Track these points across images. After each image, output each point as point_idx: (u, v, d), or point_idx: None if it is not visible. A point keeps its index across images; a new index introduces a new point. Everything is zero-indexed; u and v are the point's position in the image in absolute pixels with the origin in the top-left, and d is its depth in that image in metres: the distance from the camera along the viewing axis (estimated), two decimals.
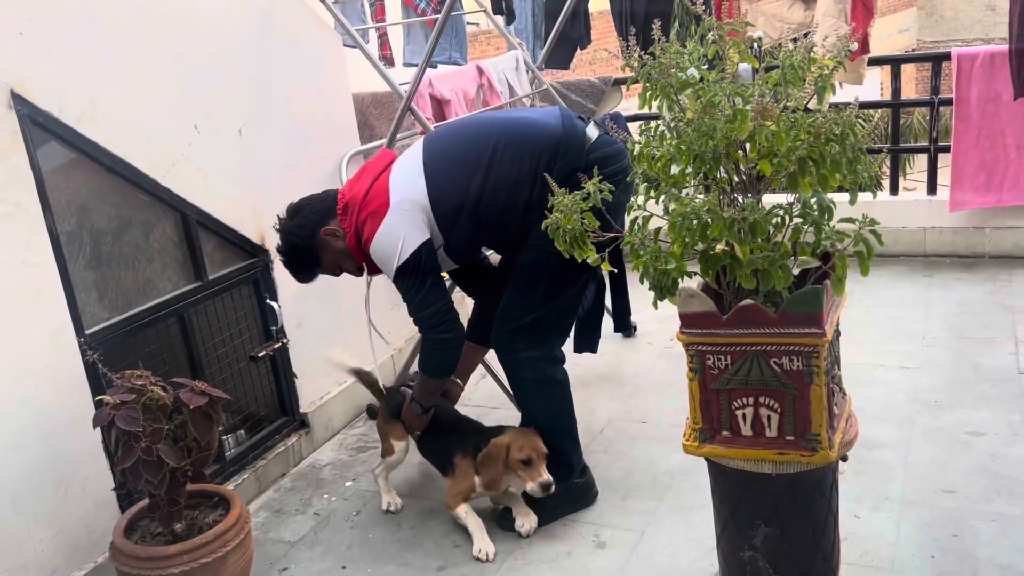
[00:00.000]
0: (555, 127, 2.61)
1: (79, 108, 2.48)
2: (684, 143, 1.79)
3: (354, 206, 2.62)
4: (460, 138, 2.68)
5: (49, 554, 2.41)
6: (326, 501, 3.06)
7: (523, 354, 2.71)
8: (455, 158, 2.61)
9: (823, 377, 1.90)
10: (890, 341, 3.74)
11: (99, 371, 2.42)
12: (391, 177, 2.61)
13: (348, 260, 2.72)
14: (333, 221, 2.67)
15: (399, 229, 2.54)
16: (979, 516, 2.51)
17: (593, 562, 2.53)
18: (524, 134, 2.60)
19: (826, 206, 1.84)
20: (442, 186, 2.57)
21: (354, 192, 2.63)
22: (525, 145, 2.57)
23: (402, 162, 2.67)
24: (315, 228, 2.68)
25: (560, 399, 2.79)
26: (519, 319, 2.68)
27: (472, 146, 2.61)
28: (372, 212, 2.57)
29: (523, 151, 2.56)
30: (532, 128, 2.62)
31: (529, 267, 2.65)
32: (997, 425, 2.98)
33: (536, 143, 2.57)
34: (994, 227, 4.61)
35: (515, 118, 2.71)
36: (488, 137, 2.60)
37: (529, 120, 2.66)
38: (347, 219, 2.64)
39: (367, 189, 2.61)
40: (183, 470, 2.31)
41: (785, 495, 2.03)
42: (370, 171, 2.67)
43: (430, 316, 2.62)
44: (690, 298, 1.94)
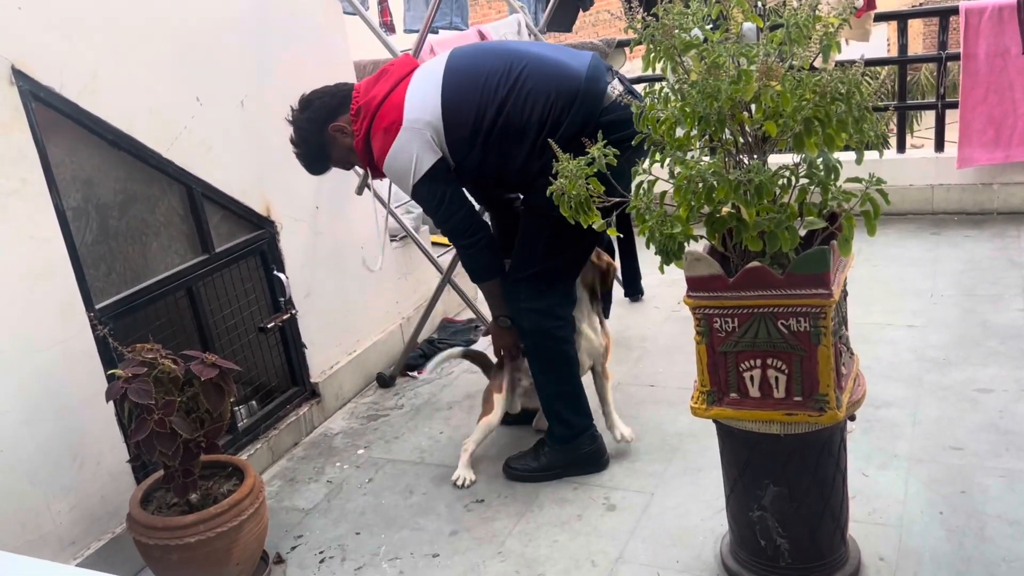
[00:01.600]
0: (579, 76, 2.52)
1: (80, 82, 2.47)
2: (688, 105, 1.78)
3: (367, 112, 2.60)
4: (484, 61, 2.61)
5: (67, 526, 2.44)
6: (339, 469, 3.09)
7: (524, 305, 2.72)
8: (475, 83, 2.56)
9: (830, 337, 1.90)
10: (898, 299, 3.73)
11: (110, 345, 2.44)
12: (408, 90, 2.58)
13: (356, 157, 2.74)
14: (343, 117, 2.67)
15: (411, 148, 2.55)
16: (987, 472, 2.52)
17: (603, 524, 2.56)
18: (547, 75, 2.54)
19: (832, 166, 1.83)
20: (456, 110, 2.55)
21: (369, 96, 2.60)
22: (544, 88, 2.51)
23: (422, 75, 2.63)
24: (324, 123, 2.68)
25: (558, 356, 2.77)
26: (523, 270, 2.70)
27: (494, 74, 2.56)
28: (384, 127, 2.56)
29: (539, 94, 2.51)
30: (556, 71, 2.55)
31: (531, 224, 2.66)
32: (1005, 382, 2.98)
33: (554, 88, 2.51)
34: (1002, 183, 4.58)
35: (544, 56, 2.63)
36: (511, 68, 2.55)
37: (556, 62, 2.59)
38: (358, 121, 2.63)
39: (383, 97, 2.58)
40: (196, 441, 2.33)
41: (793, 455, 2.04)
42: (389, 77, 2.63)
43: (455, 226, 2.66)
44: (696, 261, 1.94)
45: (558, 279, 2.74)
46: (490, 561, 2.47)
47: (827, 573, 2.15)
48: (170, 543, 2.29)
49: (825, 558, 2.15)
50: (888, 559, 2.23)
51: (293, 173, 3.22)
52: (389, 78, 2.63)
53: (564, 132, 2.43)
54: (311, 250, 3.36)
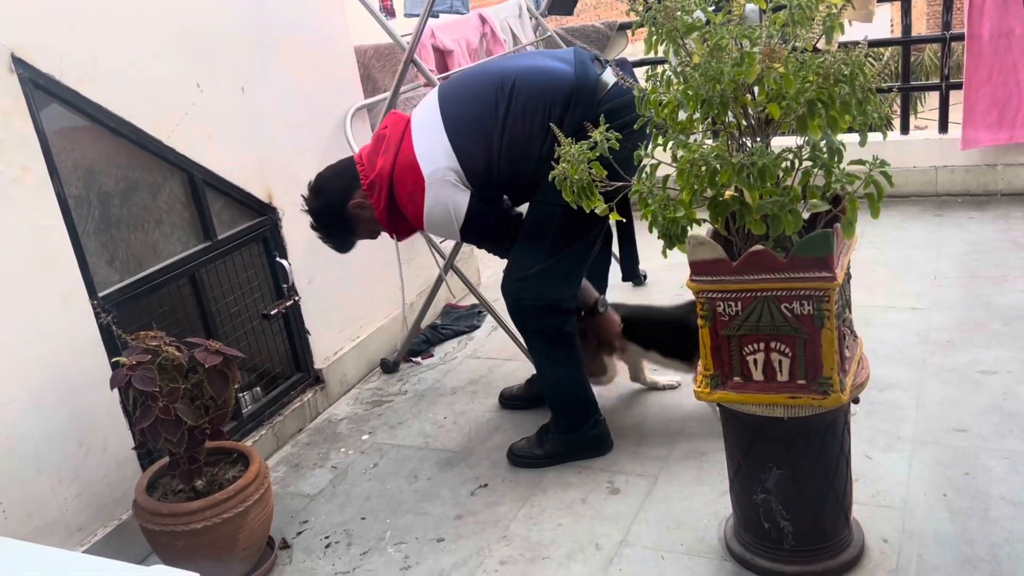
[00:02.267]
0: (568, 75, 2.53)
1: (80, 69, 2.46)
2: (691, 88, 1.77)
3: (381, 184, 2.59)
4: (473, 93, 2.61)
5: (74, 512, 2.46)
6: (343, 455, 3.10)
7: (527, 304, 2.69)
8: (472, 117, 2.56)
9: (834, 321, 1.90)
10: (901, 282, 3.72)
11: (114, 333, 2.45)
12: (414, 145, 2.56)
13: (380, 228, 2.75)
14: (358, 193, 2.67)
15: (444, 198, 2.55)
16: (991, 454, 2.52)
17: (607, 508, 2.57)
18: (537, 85, 2.53)
19: (836, 148, 1.82)
20: (466, 148, 2.54)
21: (378, 169, 2.59)
22: (538, 97, 2.51)
23: (421, 125, 2.61)
24: (342, 205, 2.70)
25: (565, 350, 2.77)
26: (526, 269, 2.67)
27: (487, 102, 2.54)
28: (409, 192, 2.56)
29: (536, 104, 2.51)
30: (544, 77, 2.55)
31: (537, 219, 2.64)
32: (1009, 363, 2.98)
33: (548, 94, 2.51)
34: (1006, 164, 4.56)
35: (528, 67, 2.62)
36: (502, 86, 2.54)
37: (542, 69, 2.58)
38: (373, 195, 2.62)
39: (391, 165, 2.57)
40: (201, 428, 2.34)
41: (797, 438, 2.04)
42: (389, 142, 2.61)
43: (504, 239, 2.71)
44: (699, 245, 1.93)
45: (565, 274, 2.70)
46: (495, 545, 2.48)
47: (831, 555, 2.16)
48: (176, 529, 2.30)
49: (829, 540, 2.15)
50: (892, 541, 2.24)
51: (294, 159, 3.22)
52: (389, 143, 2.61)
53: (567, 129, 2.40)
54: (313, 236, 3.34)
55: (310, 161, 3.31)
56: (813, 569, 2.15)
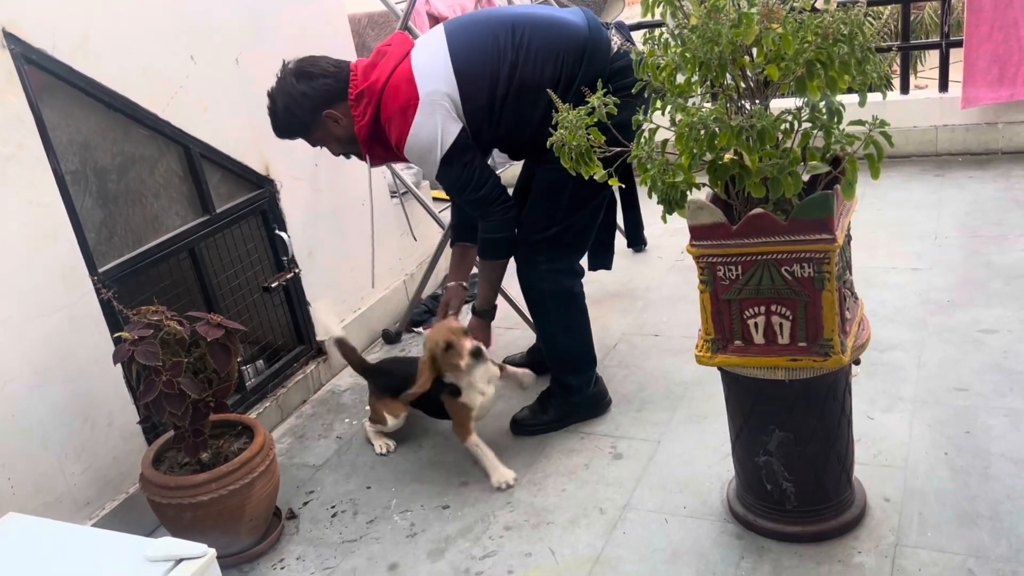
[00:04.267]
0: (581, 29, 2.50)
1: (72, 44, 2.44)
2: (689, 51, 1.75)
3: (371, 95, 2.47)
4: (486, 30, 2.52)
5: (81, 487, 2.48)
6: (347, 425, 3.11)
7: (544, 267, 2.69)
8: (483, 48, 2.48)
9: (834, 283, 1.90)
10: (902, 242, 3.72)
11: (115, 308, 2.45)
12: (414, 65, 2.46)
13: (341, 146, 2.62)
14: (340, 105, 2.52)
15: (434, 121, 2.43)
16: (991, 412, 2.54)
17: (610, 472, 2.58)
18: (551, 34, 2.49)
19: (835, 109, 1.81)
20: (470, 81, 2.45)
21: (371, 80, 2.47)
22: (551, 46, 2.47)
23: (425, 48, 2.52)
24: (321, 106, 2.52)
25: (577, 312, 2.80)
26: (542, 232, 2.64)
27: (498, 37, 2.48)
28: (400, 106, 2.43)
29: (548, 52, 2.46)
30: (559, 28, 2.51)
31: (552, 182, 2.57)
32: (1010, 322, 2.98)
33: (562, 44, 2.47)
34: (1007, 122, 4.53)
35: (541, 14, 2.58)
36: (514, 30, 2.48)
37: (555, 19, 2.54)
38: (359, 107, 2.49)
39: (386, 78, 2.46)
40: (205, 401, 2.35)
41: (798, 400, 2.05)
42: (389, 58, 2.50)
43: (489, 191, 2.54)
44: (699, 210, 1.93)
45: (579, 235, 2.72)
46: (499, 511, 2.50)
47: (833, 515, 2.18)
48: (183, 502, 2.32)
49: (831, 500, 2.17)
50: (894, 500, 2.26)
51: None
52: (389, 59, 2.50)
53: (578, 86, 2.38)
54: (312, 208, 3.34)
55: None
56: (816, 529, 2.17)
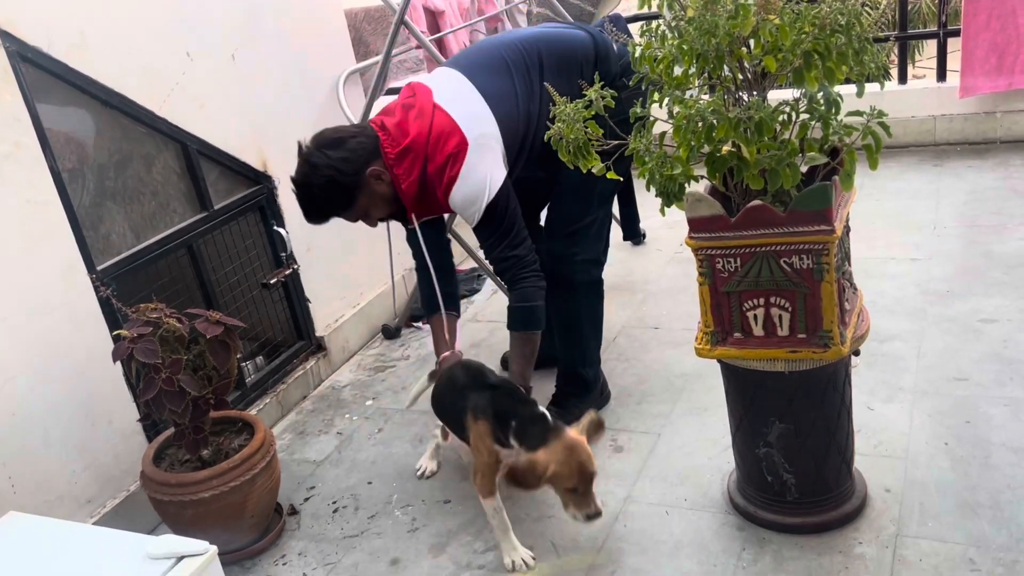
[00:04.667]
0: (585, 36, 2.57)
1: (68, 41, 2.43)
2: (686, 43, 1.75)
3: (418, 150, 2.36)
4: (500, 60, 2.50)
5: (82, 485, 2.48)
6: (348, 421, 3.12)
7: (579, 258, 2.69)
8: (507, 82, 2.46)
9: (833, 274, 1.90)
10: (900, 233, 3.72)
11: (114, 306, 2.45)
12: (452, 113, 2.38)
13: (386, 206, 2.47)
14: (378, 162, 2.39)
15: (484, 166, 2.37)
16: (991, 402, 2.54)
17: (611, 465, 2.59)
18: (563, 46, 2.54)
19: (833, 100, 1.81)
20: (506, 114, 2.43)
21: (413, 135, 2.37)
22: (570, 56, 2.52)
23: (451, 89, 2.45)
24: (363, 166, 2.37)
25: (601, 299, 2.85)
26: (577, 223, 2.65)
27: (519, 68, 2.48)
28: (450, 154, 2.35)
29: (569, 63, 2.51)
30: (567, 40, 2.57)
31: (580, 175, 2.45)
32: (1009, 311, 2.98)
33: (578, 52, 2.53)
34: (1005, 111, 4.53)
35: (547, 33, 2.62)
36: (528, 53, 2.50)
37: (559, 34, 2.60)
38: (404, 163, 2.38)
39: (428, 130, 2.37)
40: (205, 398, 2.35)
41: (798, 392, 2.05)
42: (421, 111, 2.40)
43: (526, 252, 2.47)
44: (698, 202, 1.93)
45: (605, 226, 2.78)
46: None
47: (834, 506, 2.18)
48: (184, 499, 2.32)
49: (832, 491, 2.18)
50: (894, 490, 2.26)
51: (288, 126, 3.20)
52: (422, 111, 2.39)
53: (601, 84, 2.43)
54: None
55: (304, 129, 3.25)
56: (816, 520, 2.17)
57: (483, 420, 2.24)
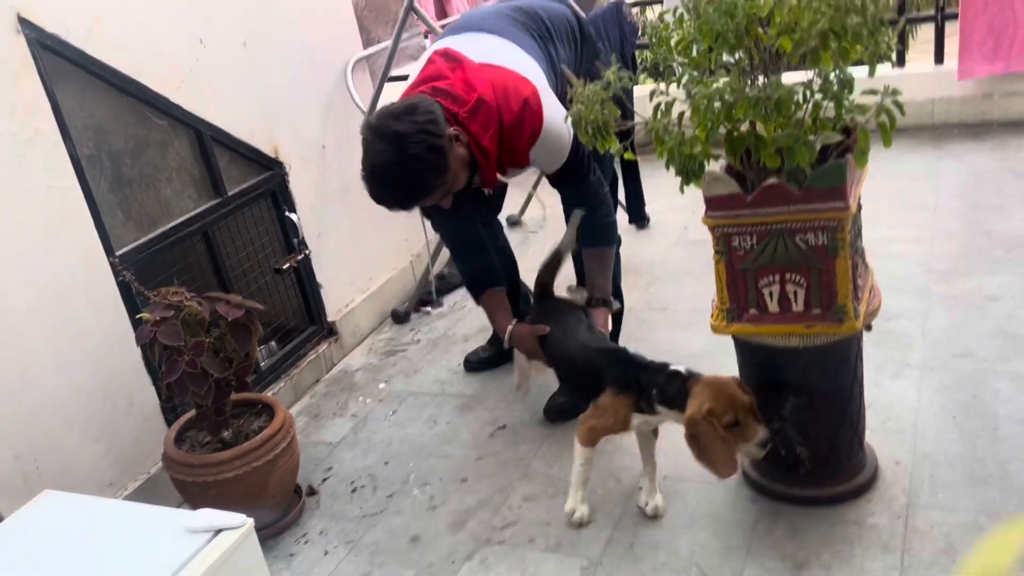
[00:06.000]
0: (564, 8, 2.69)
1: (84, 28, 2.45)
2: (705, 23, 1.78)
3: (489, 105, 2.23)
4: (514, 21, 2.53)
5: (104, 468, 2.51)
6: (362, 403, 3.15)
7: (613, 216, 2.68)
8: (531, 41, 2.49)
9: (848, 250, 1.94)
10: (902, 214, 3.76)
11: (133, 290, 2.47)
12: (500, 63, 2.31)
13: (465, 173, 2.31)
14: (448, 125, 2.23)
15: (554, 107, 2.33)
16: (997, 376, 2.59)
17: (625, 441, 2.62)
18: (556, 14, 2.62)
19: (847, 80, 1.85)
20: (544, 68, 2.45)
21: (479, 92, 2.24)
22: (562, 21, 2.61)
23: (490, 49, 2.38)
24: (444, 128, 2.18)
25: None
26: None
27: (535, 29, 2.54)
28: (527, 98, 2.27)
29: (563, 27, 2.61)
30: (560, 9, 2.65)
31: None
32: (1012, 288, 3.03)
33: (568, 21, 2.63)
34: (1003, 93, 4.57)
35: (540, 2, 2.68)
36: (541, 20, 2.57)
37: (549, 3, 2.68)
38: (477, 120, 2.23)
39: (491, 82, 2.27)
40: (227, 380, 2.38)
41: (813, 366, 2.09)
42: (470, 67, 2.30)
43: (599, 176, 2.54)
44: (715, 181, 1.96)
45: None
46: (517, 483, 2.54)
47: (846, 478, 2.23)
48: (207, 479, 2.35)
49: (844, 464, 2.22)
50: (904, 463, 2.31)
51: (298, 113, 3.23)
52: (474, 68, 2.30)
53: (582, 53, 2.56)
54: (321, 190, 3.37)
55: (313, 114, 3.32)
56: (829, 492, 2.22)
57: (627, 394, 2.23)
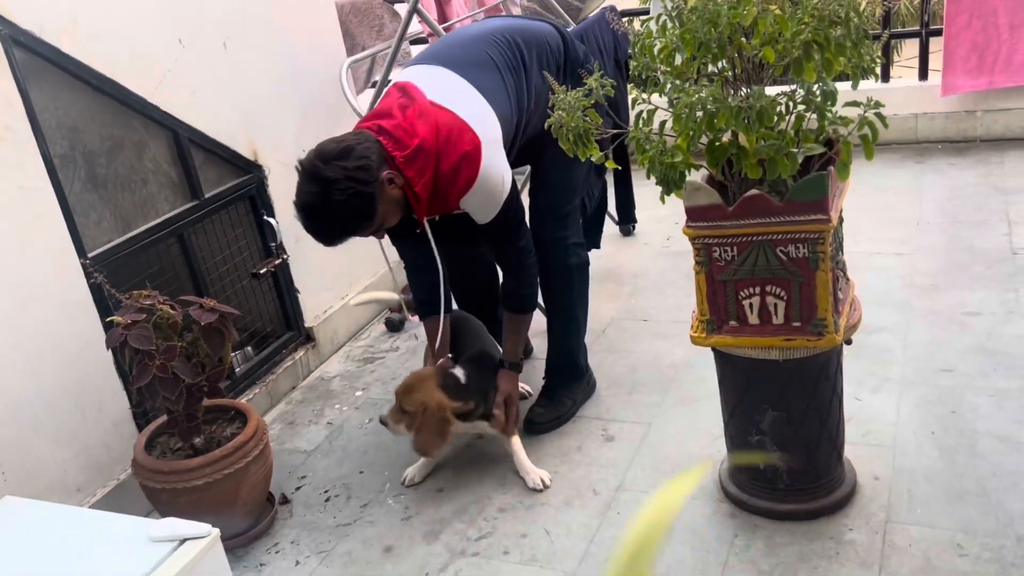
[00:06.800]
0: (550, 27, 2.63)
1: (60, 25, 2.41)
2: (688, 32, 1.76)
3: (429, 150, 2.24)
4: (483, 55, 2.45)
5: (73, 473, 2.46)
6: (338, 411, 3.11)
7: (571, 241, 2.70)
8: (496, 77, 2.42)
9: (828, 263, 1.93)
10: (884, 228, 3.76)
11: (105, 293, 2.43)
12: (451, 107, 2.30)
13: (398, 212, 2.33)
14: (386, 167, 2.24)
15: (497, 161, 2.33)
16: (977, 392, 2.58)
17: (603, 454, 2.60)
18: (536, 36, 2.57)
19: (830, 92, 1.84)
20: (501, 110, 2.38)
21: (422, 136, 2.24)
22: (543, 46, 2.55)
23: (447, 88, 2.35)
24: (377, 173, 2.20)
25: (588, 282, 2.85)
26: (567, 205, 2.66)
27: (504, 62, 2.45)
28: (465, 152, 2.26)
29: (545, 53, 2.55)
30: (536, 30, 2.60)
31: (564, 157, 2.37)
32: (992, 304, 3.03)
33: (550, 42, 2.57)
34: (985, 110, 4.59)
35: (518, 24, 2.64)
36: (512, 48, 2.50)
37: (530, 24, 2.64)
38: (414, 166, 2.24)
39: (435, 129, 2.26)
40: (199, 386, 2.34)
41: (792, 380, 2.08)
42: (420, 107, 2.29)
43: (527, 243, 2.52)
44: (696, 191, 1.94)
45: (584, 204, 2.83)
46: (493, 493, 2.51)
47: (824, 493, 2.21)
48: (177, 486, 2.31)
49: (822, 479, 2.21)
50: (883, 478, 2.29)
51: (278, 116, 3.19)
52: (423, 112, 2.28)
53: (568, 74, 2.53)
54: None
55: (294, 119, 3.28)
56: (808, 507, 2.20)
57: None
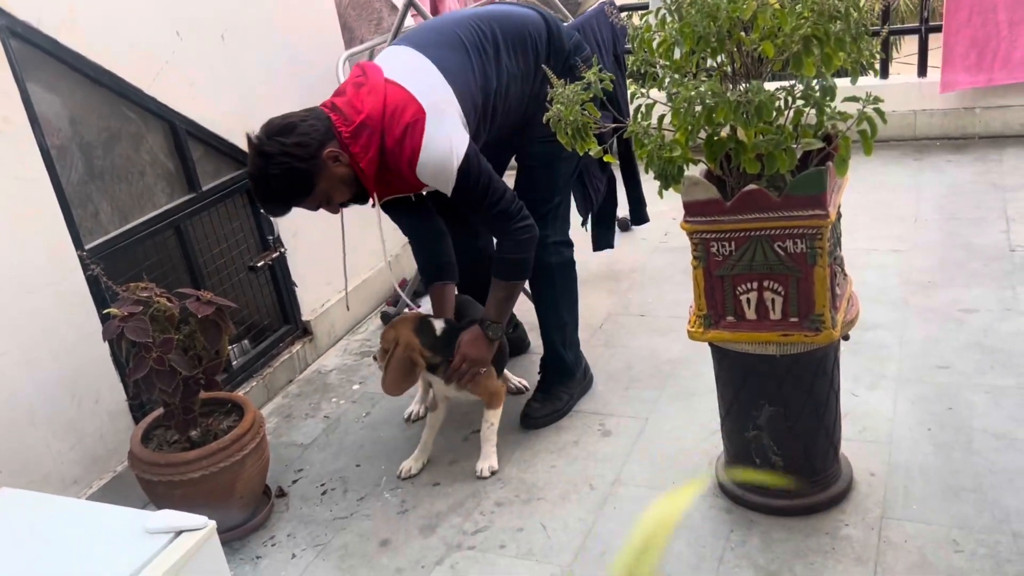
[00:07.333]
0: (536, 16, 2.61)
1: (58, 16, 2.40)
2: (688, 25, 1.76)
3: (373, 125, 2.28)
4: (453, 35, 2.47)
5: (68, 465, 2.46)
6: (335, 405, 3.11)
7: (551, 240, 2.69)
8: (462, 56, 2.42)
9: (826, 258, 1.93)
10: (882, 225, 3.76)
11: (102, 285, 2.42)
12: (401, 82, 2.31)
13: (347, 189, 2.39)
14: (333, 143, 2.30)
15: (445, 129, 2.30)
16: (973, 389, 2.58)
17: (599, 449, 2.60)
18: (515, 25, 2.54)
19: (829, 87, 1.83)
20: (461, 83, 2.36)
21: (367, 112, 2.29)
22: (521, 35, 2.52)
23: (402, 63, 2.39)
24: (319, 148, 2.27)
25: (575, 280, 2.84)
26: (546, 204, 2.65)
27: (473, 44, 2.45)
28: (407, 123, 2.27)
29: (521, 41, 2.51)
30: (519, 18, 2.57)
31: (549, 153, 2.53)
32: (989, 302, 3.03)
33: (531, 31, 2.54)
34: (984, 107, 4.59)
35: (499, 10, 2.61)
36: (484, 32, 2.49)
37: (512, 11, 2.62)
38: (360, 141, 2.30)
39: (382, 105, 2.29)
40: (196, 378, 2.34)
41: (789, 375, 2.08)
42: (373, 87, 2.33)
43: (507, 206, 2.42)
44: (694, 186, 1.94)
45: (568, 206, 2.79)
46: (490, 487, 2.51)
47: (821, 489, 2.21)
48: (174, 479, 2.31)
49: (819, 474, 2.21)
50: (879, 474, 2.29)
51: (277, 108, 3.16)
52: (373, 88, 2.32)
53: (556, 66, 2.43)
54: None
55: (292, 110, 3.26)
56: (803, 502, 2.20)
57: None
